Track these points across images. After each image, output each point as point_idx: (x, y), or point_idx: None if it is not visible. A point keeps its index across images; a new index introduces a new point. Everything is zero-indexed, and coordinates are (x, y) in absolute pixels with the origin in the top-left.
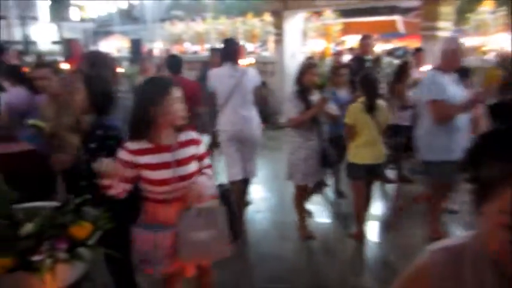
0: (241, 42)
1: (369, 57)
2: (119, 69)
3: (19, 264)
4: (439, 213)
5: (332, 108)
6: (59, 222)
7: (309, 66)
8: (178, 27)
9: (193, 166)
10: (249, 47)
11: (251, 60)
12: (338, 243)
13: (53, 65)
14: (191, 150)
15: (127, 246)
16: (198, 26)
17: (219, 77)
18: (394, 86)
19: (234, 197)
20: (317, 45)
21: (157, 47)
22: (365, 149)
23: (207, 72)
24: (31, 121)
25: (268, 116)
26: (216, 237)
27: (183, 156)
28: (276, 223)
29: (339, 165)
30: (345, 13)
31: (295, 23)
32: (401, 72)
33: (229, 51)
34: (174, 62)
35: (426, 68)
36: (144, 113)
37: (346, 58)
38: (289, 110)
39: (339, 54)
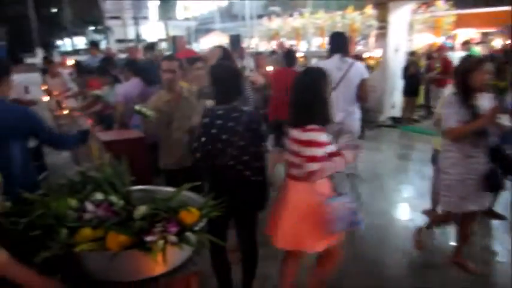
0: None
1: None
2: None
3: (134, 243)
4: None
5: (504, 118)
6: (170, 206)
7: (479, 62)
8: (276, 23)
9: None
10: None
11: (373, 54)
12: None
13: (179, 60)
14: None
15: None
16: (295, 21)
17: (326, 69)
18: None
19: None
20: (424, 40)
21: (254, 43)
22: None
23: None
24: (137, 106)
25: (367, 113)
26: None
27: None
28: (375, 226)
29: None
30: (459, 3)
31: (402, 14)
32: None
33: (338, 44)
34: (290, 56)
35: None
36: (322, 98)
37: (459, 55)
38: (448, 117)
39: (440, 49)
